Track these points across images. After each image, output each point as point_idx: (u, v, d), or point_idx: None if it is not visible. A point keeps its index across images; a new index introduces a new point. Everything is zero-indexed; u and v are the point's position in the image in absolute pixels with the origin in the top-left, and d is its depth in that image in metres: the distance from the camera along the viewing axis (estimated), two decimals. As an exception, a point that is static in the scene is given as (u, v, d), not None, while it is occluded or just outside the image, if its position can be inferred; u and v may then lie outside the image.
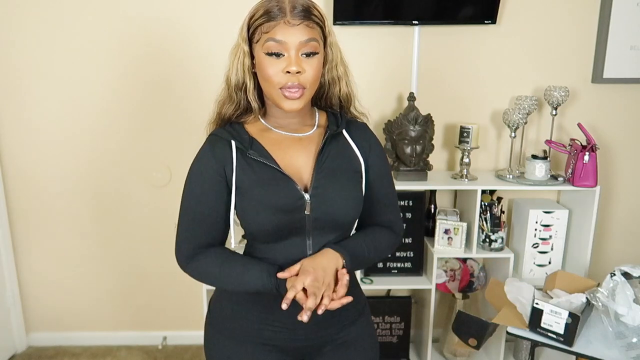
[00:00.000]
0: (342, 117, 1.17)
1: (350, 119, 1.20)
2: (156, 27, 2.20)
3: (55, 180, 2.36)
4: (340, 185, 1.11)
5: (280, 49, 1.01)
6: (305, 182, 1.11)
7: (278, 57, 1.02)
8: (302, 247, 1.10)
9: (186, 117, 2.27)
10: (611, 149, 2.31)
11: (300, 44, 1.01)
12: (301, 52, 1.02)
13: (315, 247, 1.11)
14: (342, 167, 1.13)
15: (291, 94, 1.03)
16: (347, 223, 1.13)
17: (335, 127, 1.14)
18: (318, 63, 1.05)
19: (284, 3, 1.01)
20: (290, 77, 1.02)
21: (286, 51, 1.01)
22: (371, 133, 1.22)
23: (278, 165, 1.08)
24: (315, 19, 1.04)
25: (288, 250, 1.10)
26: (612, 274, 1.67)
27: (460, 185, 2.10)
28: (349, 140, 1.16)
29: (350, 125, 1.18)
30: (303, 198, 1.08)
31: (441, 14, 2.14)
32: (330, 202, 1.09)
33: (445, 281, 2.23)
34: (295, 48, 1.01)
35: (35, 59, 2.23)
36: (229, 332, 1.17)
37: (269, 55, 1.02)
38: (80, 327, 2.55)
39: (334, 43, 1.10)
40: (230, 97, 1.12)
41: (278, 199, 1.06)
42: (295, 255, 1.10)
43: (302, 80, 1.03)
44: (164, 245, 2.40)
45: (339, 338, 1.19)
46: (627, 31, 2.16)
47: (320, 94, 1.17)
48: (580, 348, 1.58)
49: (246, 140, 1.10)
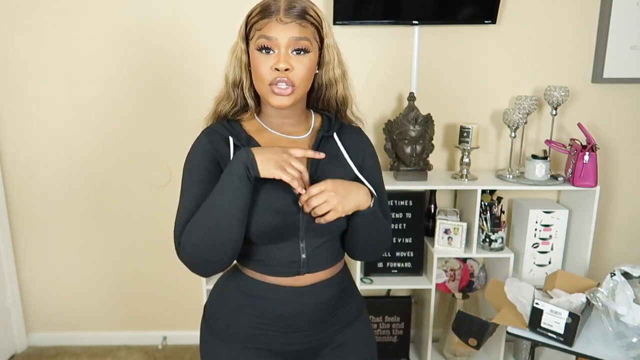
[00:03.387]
0: (335, 121, 1.17)
1: (344, 122, 1.20)
2: (156, 26, 2.20)
3: (56, 180, 2.36)
4: None
5: (270, 45, 1.02)
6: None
7: (268, 53, 1.03)
8: (295, 249, 1.10)
9: (186, 117, 2.27)
10: (611, 149, 2.31)
11: (289, 40, 1.02)
12: (291, 49, 1.03)
13: (308, 249, 1.10)
14: (334, 170, 1.13)
15: (280, 91, 1.03)
16: (339, 225, 1.12)
17: (326, 130, 1.15)
18: (309, 61, 1.05)
19: (280, 2, 1.03)
20: (279, 74, 1.02)
21: (276, 48, 1.03)
22: (364, 136, 1.22)
23: None
24: (310, 19, 1.04)
25: (280, 252, 1.10)
26: (612, 274, 1.67)
27: (460, 185, 2.10)
28: (339, 144, 1.17)
29: (342, 129, 1.19)
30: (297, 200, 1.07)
31: (441, 14, 2.14)
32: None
33: (445, 281, 2.23)
34: (285, 45, 1.02)
35: (35, 59, 2.23)
36: (225, 336, 1.15)
37: (259, 51, 1.04)
38: (80, 327, 2.55)
39: (331, 45, 1.10)
40: (228, 94, 1.13)
41: (273, 201, 1.06)
42: (287, 257, 1.10)
43: (292, 78, 1.03)
44: (164, 245, 2.40)
45: (336, 340, 1.19)
46: (627, 31, 2.16)
47: (317, 96, 1.17)
48: (580, 348, 1.58)
49: (244, 138, 1.10)
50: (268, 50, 1.03)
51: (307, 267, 1.12)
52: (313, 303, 1.13)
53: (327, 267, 1.15)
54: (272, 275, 1.12)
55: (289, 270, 1.11)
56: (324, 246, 1.13)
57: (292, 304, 1.12)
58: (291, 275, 1.11)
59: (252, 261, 1.13)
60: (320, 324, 1.15)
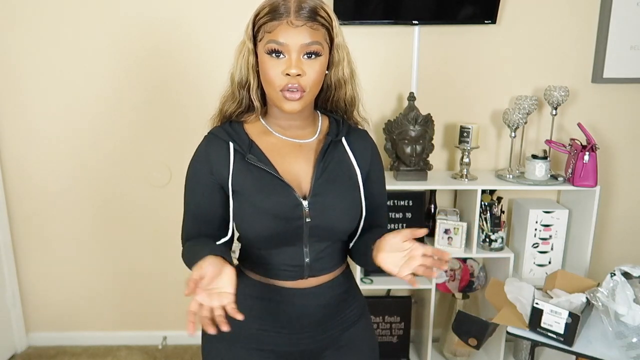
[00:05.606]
0: (343, 124, 1.15)
1: (351, 125, 1.18)
2: (157, 27, 2.20)
3: (56, 180, 2.36)
4: (339, 193, 1.09)
5: (281, 49, 0.99)
6: (304, 189, 1.08)
7: (279, 57, 1.00)
8: (299, 254, 1.09)
9: (186, 117, 2.27)
10: (611, 149, 2.31)
11: (301, 46, 0.99)
12: (303, 54, 1.00)
13: (312, 254, 1.09)
14: (341, 176, 1.11)
15: (291, 95, 1.00)
16: (344, 231, 1.12)
17: (334, 134, 1.12)
18: (320, 65, 1.02)
19: (290, 2, 0.99)
20: (290, 79, 0.99)
21: (287, 52, 0.99)
22: (371, 140, 1.20)
23: (277, 172, 1.06)
24: (321, 20, 1.01)
25: (284, 258, 1.09)
26: (612, 273, 1.67)
27: (460, 185, 2.10)
28: (347, 148, 1.14)
29: (350, 133, 1.16)
30: (301, 205, 1.05)
31: (441, 14, 2.14)
32: (329, 211, 1.07)
33: (445, 281, 2.23)
34: (296, 50, 0.99)
35: (35, 59, 2.22)
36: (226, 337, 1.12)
37: (269, 55, 1.00)
38: (80, 327, 2.55)
39: (341, 45, 1.07)
40: (233, 94, 1.10)
41: (276, 206, 1.05)
42: (291, 262, 1.09)
43: (303, 83, 1.00)
44: (164, 245, 2.40)
45: (339, 341, 1.18)
46: (627, 31, 2.16)
47: (326, 97, 1.14)
48: (580, 348, 1.58)
49: (245, 143, 1.07)
50: (278, 54, 1.00)
51: (311, 271, 1.11)
52: (316, 304, 1.13)
53: (330, 270, 1.14)
54: (275, 278, 1.11)
55: (293, 274, 1.10)
56: (327, 250, 1.12)
57: (296, 306, 1.12)
58: (295, 279, 1.11)
59: (256, 265, 1.12)
60: (323, 324, 1.15)
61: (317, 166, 1.08)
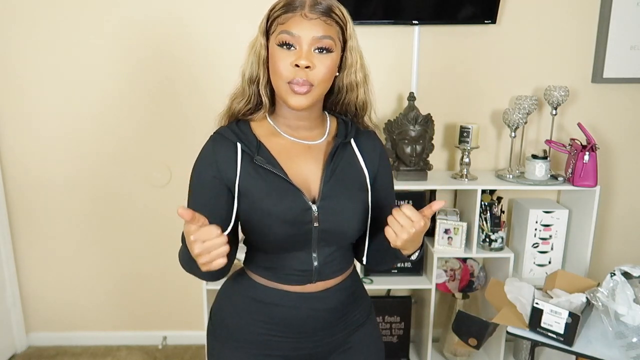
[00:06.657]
0: (352, 126, 1.13)
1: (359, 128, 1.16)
2: (157, 27, 2.20)
3: (56, 180, 2.36)
4: (349, 196, 1.08)
5: (292, 41, 0.98)
6: (313, 192, 1.06)
7: (289, 49, 0.98)
8: (307, 259, 1.08)
9: (186, 117, 2.27)
10: (611, 149, 2.32)
11: (313, 39, 0.98)
12: (314, 47, 0.98)
13: (320, 258, 1.08)
14: (350, 178, 1.10)
15: (299, 89, 0.98)
16: (353, 235, 1.10)
17: (343, 136, 1.10)
18: (331, 61, 1.00)
19: None
20: (298, 72, 0.97)
21: (298, 44, 0.98)
22: (379, 140, 1.18)
23: (286, 175, 1.04)
24: (336, 17, 1.01)
25: (292, 262, 1.08)
26: (612, 273, 1.67)
27: (460, 185, 2.10)
28: (356, 150, 1.13)
29: (358, 135, 1.14)
30: (310, 210, 1.04)
31: (441, 14, 2.14)
32: (338, 215, 1.06)
33: (445, 281, 2.23)
34: (307, 42, 0.98)
35: (36, 59, 2.23)
36: (233, 343, 1.13)
37: (280, 47, 0.99)
38: (80, 327, 2.55)
39: (354, 48, 1.06)
40: (243, 90, 1.08)
41: (285, 211, 1.02)
42: (299, 267, 1.08)
43: (311, 77, 0.98)
44: (164, 245, 2.40)
45: (346, 344, 1.17)
46: (627, 31, 2.16)
47: (336, 100, 1.13)
48: (580, 348, 1.58)
49: (253, 144, 1.05)
50: (289, 46, 0.98)
51: (319, 276, 1.10)
52: (323, 308, 1.12)
53: (339, 274, 1.13)
54: (282, 283, 1.09)
55: (301, 278, 1.09)
56: (335, 254, 1.11)
57: (303, 310, 1.10)
58: (303, 283, 1.09)
59: (263, 269, 1.11)
60: (330, 328, 1.14)
61: (326, 169, 1.06)
